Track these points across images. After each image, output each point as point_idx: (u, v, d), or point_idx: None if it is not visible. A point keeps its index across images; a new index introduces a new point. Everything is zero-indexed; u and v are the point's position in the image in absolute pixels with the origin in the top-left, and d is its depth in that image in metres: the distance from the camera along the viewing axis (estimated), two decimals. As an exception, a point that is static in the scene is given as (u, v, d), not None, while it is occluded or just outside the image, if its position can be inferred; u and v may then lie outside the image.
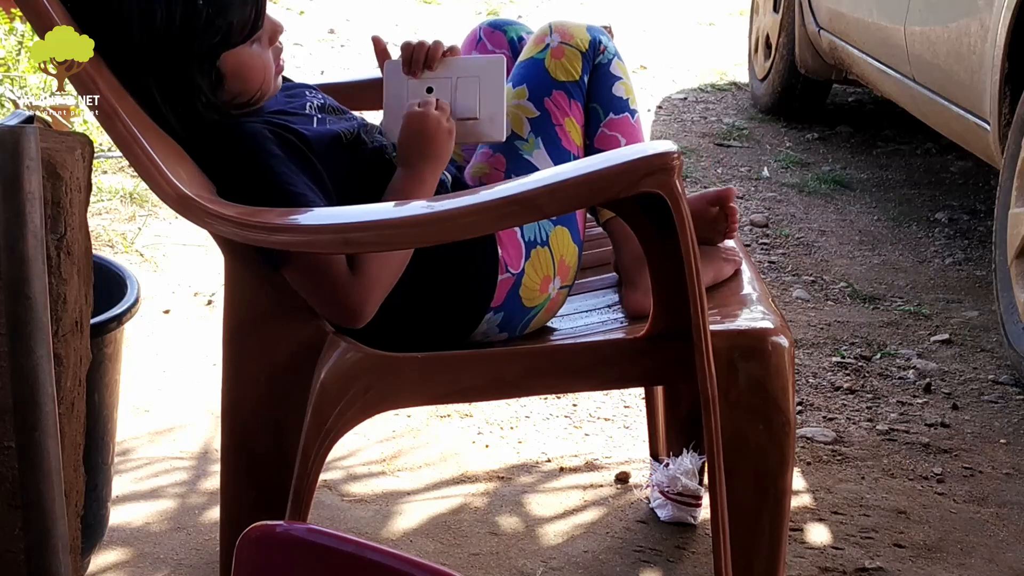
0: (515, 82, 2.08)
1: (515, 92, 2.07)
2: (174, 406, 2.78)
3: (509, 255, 1.95)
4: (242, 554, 1.13)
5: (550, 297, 1.98)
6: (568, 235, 2.01)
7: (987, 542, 2.44)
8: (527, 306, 1.96)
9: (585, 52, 2.09)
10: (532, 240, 1.97)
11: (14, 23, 3.91)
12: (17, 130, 1.44)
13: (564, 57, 2.08)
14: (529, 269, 1.96)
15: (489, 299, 1.93)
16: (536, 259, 1.97)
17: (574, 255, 2.02)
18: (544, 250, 1.98)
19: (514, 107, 2.05)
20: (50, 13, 1.78)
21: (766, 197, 4.43)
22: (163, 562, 2.23)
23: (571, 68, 2.08)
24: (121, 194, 3.88)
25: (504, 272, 1.94)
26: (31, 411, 1.48)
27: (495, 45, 2.24)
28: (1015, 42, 3.29)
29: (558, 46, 2.09)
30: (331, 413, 1.80)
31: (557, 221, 2.00)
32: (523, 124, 2.05)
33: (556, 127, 2.06)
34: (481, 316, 1.93)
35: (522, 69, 2.10)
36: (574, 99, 2.08)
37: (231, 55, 1.88)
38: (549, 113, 2.06)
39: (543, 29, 2.12)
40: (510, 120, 2.04)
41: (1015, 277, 3.16)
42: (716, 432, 1.76)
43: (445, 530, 2.38)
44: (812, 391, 3.04)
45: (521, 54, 2.13)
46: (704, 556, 2.32)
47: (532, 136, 2.04)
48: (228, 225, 1.77)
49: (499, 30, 2.26)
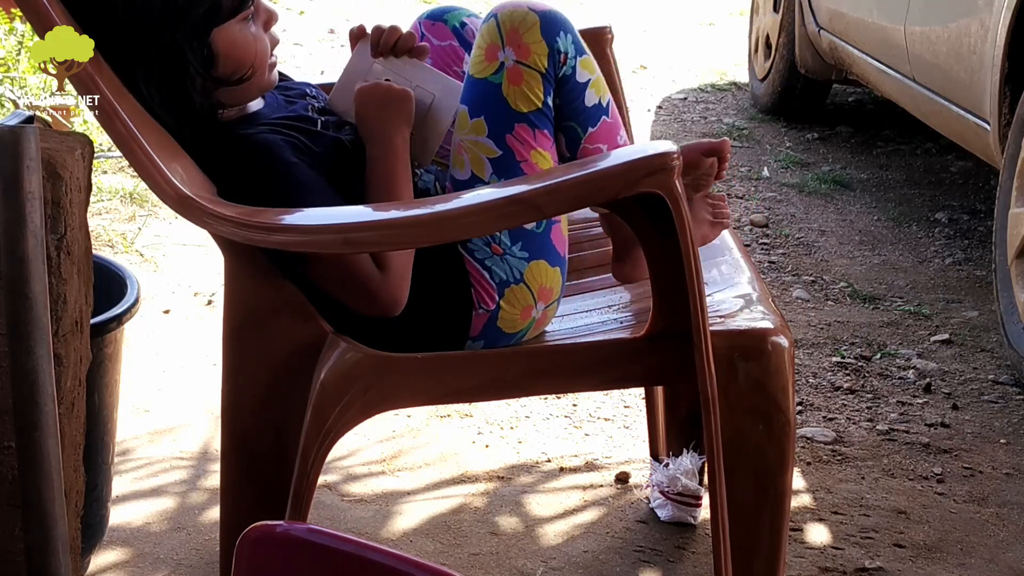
0: (471, 109, 1.92)
1: (472, 125, 1.91)
2: (174, 406, 2.78)
3: (480, 295, 1.91)
4: (242, 554, 1.13)
5: (535, 319, 1.95)
6: (545, 265, 1.93)
7: (987, 542, 2.44)
8: (510, 332, 1.94)
9: (545, 72, 1.90)
10: (504, 280, 1.91)
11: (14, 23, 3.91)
12: (17, 130, 1.44)
13: (523, 83, 1.89)
14: (505, 304, 1.91)
15: (466, 331, 1.92)
16: (511, 295, 1.91)
17: (555, 278, 1.94)
18: (519, 286, 1.91)
19: (472, 143, 1.92)
20: (50, 13, 1.78)
21: (766, 197, 4.43)
22: (163, 562, 2.23)
23: (532, 95, 1.90)
24: (121, 194, 3.88)
25: (477, 309, 1.91)
26: (31, 411, 1.48)
27: (439, 38, 2.15)
28: (1015, 42, 3.29)
29: (514, 67, 1.89)
30: (331, 413, 1.80)
31: (531, 256, 1.91)
32: (484, 165, 1.91)
33: (521, 163, 1.91)
34: (462, 344, 1.93)
35: (476, 94, 1.92)
36: (539, 128, 1.92)
37: (222, 32, 1.86)
38: (512, 151, 1.91)
39: (492, 32, 1.91)
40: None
41: (1015, 277, 3.16)
42: (716, 432, 1.76)
43: (445, 530, 2.38)
44: (812, 391, 3.04)
45: (471, 62, 1.95)
46: (704, 556, 2.32)
47: (494, 179, 1.91)
48: (228, 225, 1.77)
49: (439, 20, 2.16)
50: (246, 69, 1.89)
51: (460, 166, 1.94)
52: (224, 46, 1.87)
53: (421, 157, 2.00)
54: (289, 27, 6.43)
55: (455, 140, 1.97)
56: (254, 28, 1.91)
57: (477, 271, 1.91)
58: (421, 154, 2.00)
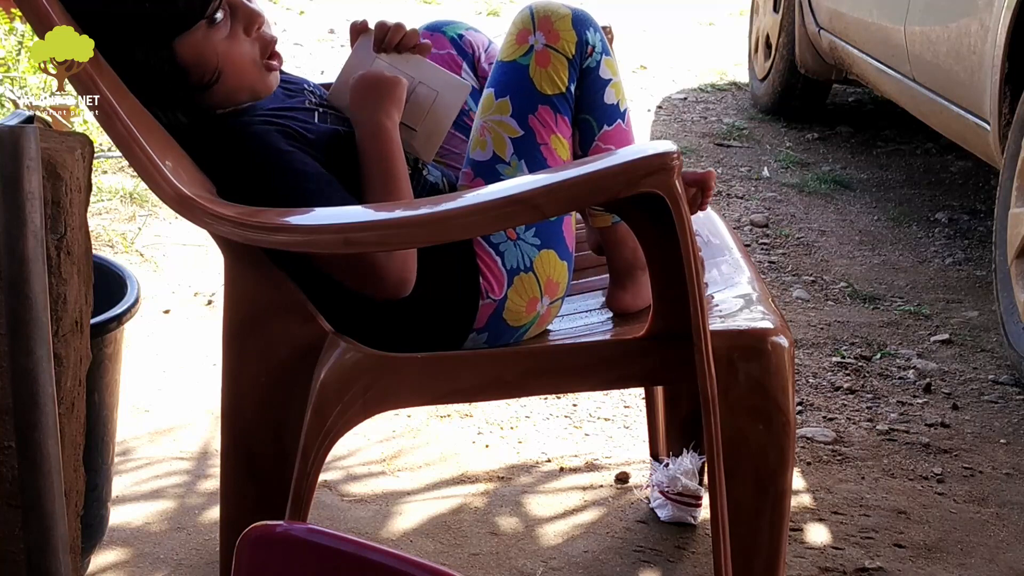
0: (498, 91, 1.98)
1: (497, 105, 1.97)
2: (174, 406, 2.78)
3: (489, 282, 1.92)
4: (242, 554, 1.13)
5: (539, 314, 1.96)
6: (555, 255, 1.96)
7: (987, 542, 2.44)
8: (514, 326, 1.95)
9: (572, 59, 1.97)
10: (515, 268, 1.93)
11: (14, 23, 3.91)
12: (17, 130, 1.44)
13: (550, 65, 1.96)
14: (512, 294, 1.93)
15: (471, 322, 1.92)
16: (520, 284, 1.93)
17: (563, 272, 1.97)
18: (528, 275, 1.94)
19: (496, 123, 1.97)
20: (50, 13, 1.78)
21: (766, 197, 4.43)
22: (163, 562, 2.23)
23: (557, 79, 1.97)
24: (121, 194, 3.88)
25: (485, 298, 1.92)
26: (31, 411, 1.48)
27: (438, 47, 2.16)
28: (1015, 42, 3.29)
29: (543, 50, 1.97)
30: (331, 413, 1.80)
31: (542, 244, 1.95)
32: (505, 145, 1.96)
33: (541, 146, 1.97)
34: (465, 337, 1.93)
35: (504, 74, 1.99)
36: (560, 113, 1.98)
37: (184, 42, 1.86)
38: (534, 132, 1.96)
39: (525, 20, 1.99)
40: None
41: (1015, 277, 3.16)
42: (716, 432, 1.76)
43: (445, 530, 2.38)
44: (812, 391, 3.04)
45: (501, 49, 2.01)
46: (704, 556, 2.32)
47: (515, 159, 1.95)
48: (228, 225, 1.77)
49: (438, 31, 2.19)
50: (211, 74, 1.88)
51: (482, 147, 1.98)
52: (188, 55, 1.87)
53: (424, 154, 1.99)
54: (289, 27, 6.44)
55: (477, 123, 2.00)
56: (225, 33, 1.89)
57: (489, 256, 1.92)
58: (424, 151, 2.00)
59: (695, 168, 4.63)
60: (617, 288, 2.05)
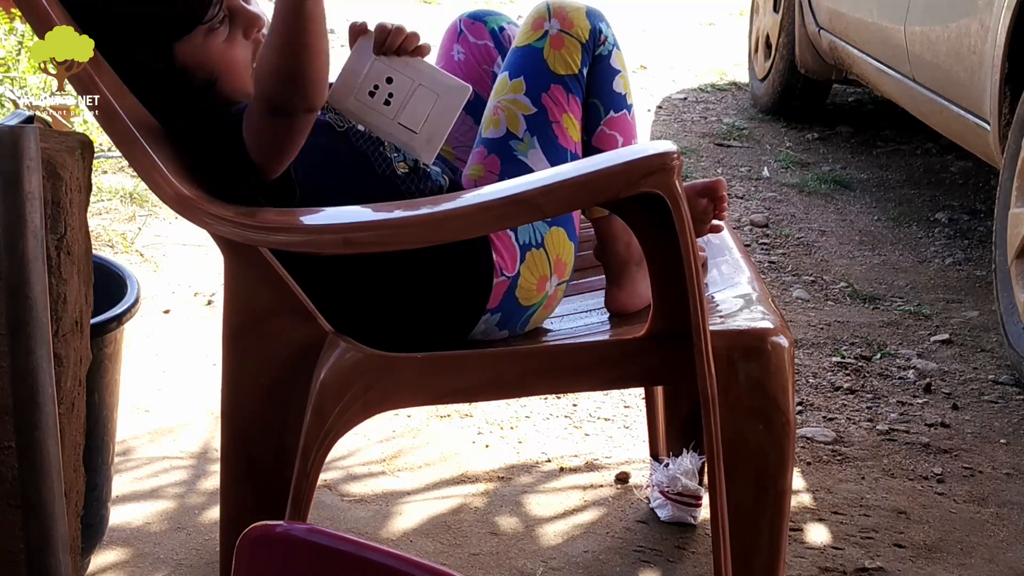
0: (512, 72, 2.03)
1: (512, 85, 2.02)
2: (174, 406, 2.78)
3: (503, 259, 1.94)
4: (242, 554, 1.13)
5: (548, 295, 1.99)
6: (564, 234, 2.00)
7: (987, 542, 2.44)
8: (524, 305, 1.96)
9: (585, 43, 2.03)
10: (527, 243, 1.96)
11: (14, 23, 3.91)
12: (17, 130, 1.44)
13: (564, 48, 2.02)
14: (524, 271, 1.95)
15: (485, 301, 1.93)
16: (531, 261, 1.96)
17: (571, 253, 2.01)
18: (539, 251, 1.97)
19: (510, 102, 2.01)
20: (50, 13, 1.78)
21: (766, 197, 4.43)
22: (163, 562, 2.23)
23: (571, 61, 2.03)
24: (121, 194, 3.88)
25: (499, 276, 1.93)
26: (31, 411, 1.48)
27: (476, 36, 2.19)
28: (1015, 42, 3.29)
29: (557, 34, 2.02)
30: (331, 413, 1.80)
31: (553, 222, 1.98)
32: (519, 122, 2.01)
33: (553, 124, 2.01)
34: (478, 317, 1.93)
35: (519, 57, 2.04)
36: (572, 94, 2.03)
37: (183, 45, 1.86)
38: (546, 110, 2.01)
39: (540, 11, 2.05)
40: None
41: (1015, 277, 3.16)
42: (716, 432, 1.76)
43: (445, 530, 2.38)
44: (812, 391, 3.04)
45: (517, 37, 2.07)
46: (704, 556, 2.32)
47: (528, 135, 2.00)
48: (228, 225, 1.77)
49: (479, 21, 2.21)
50: (209, 77, 1.89)
51: (495, 125, 2.01)
52: (187, 58, 1.87)
53: (425, 156, 2.00)
54: (289, 27, 6.42)
55: (491, 104, 2.03)
56: (224, 36, 1.89)
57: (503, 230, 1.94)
58: (425, 153, 2.00)
59: (695, 168, 4.64)
60: (612, 286, 2.05)
